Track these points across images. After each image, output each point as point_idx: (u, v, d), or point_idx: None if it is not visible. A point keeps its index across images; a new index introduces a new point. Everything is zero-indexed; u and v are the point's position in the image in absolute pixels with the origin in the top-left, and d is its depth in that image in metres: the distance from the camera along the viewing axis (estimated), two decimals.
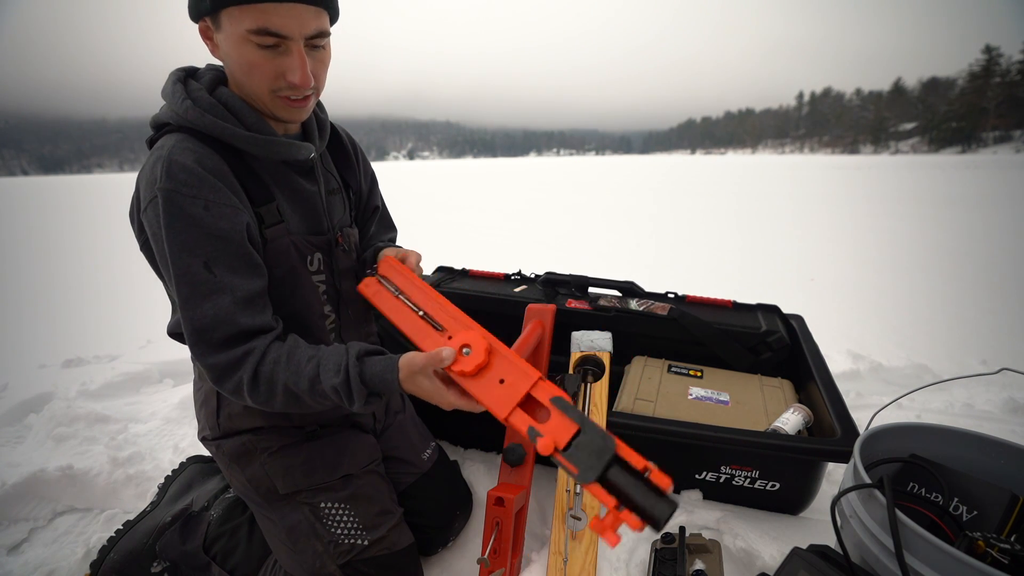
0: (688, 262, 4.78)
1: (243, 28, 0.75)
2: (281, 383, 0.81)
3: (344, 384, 0.80)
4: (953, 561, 0.62)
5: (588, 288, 1.72)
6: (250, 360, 0.80)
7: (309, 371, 0.81)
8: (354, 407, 0.82)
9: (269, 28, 0.74)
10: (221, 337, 0.80)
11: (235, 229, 0.81)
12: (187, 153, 0.79)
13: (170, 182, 0.77)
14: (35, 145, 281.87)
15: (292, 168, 0.94)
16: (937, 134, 76.57)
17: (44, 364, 2.58)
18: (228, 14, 0.75)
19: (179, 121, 0.83)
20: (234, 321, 0.80)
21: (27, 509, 1.39)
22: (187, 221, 0.78)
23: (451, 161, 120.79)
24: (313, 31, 0.78)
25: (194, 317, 0.79)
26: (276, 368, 0.81)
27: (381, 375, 0.80)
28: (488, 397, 0.77)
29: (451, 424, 1.36)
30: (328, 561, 0.96)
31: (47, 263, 5.84)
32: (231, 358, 0.80)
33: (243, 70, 0.80)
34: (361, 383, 0.80)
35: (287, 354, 0.82)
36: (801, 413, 1.19)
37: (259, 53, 0.77)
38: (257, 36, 0.75)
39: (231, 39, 0.77)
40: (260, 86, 0.81)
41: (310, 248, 0.95)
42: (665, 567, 0.98)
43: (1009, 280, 3.86)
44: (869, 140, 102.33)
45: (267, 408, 0.84)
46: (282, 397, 0.82)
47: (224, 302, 0.79)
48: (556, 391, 0.75)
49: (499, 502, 1.04)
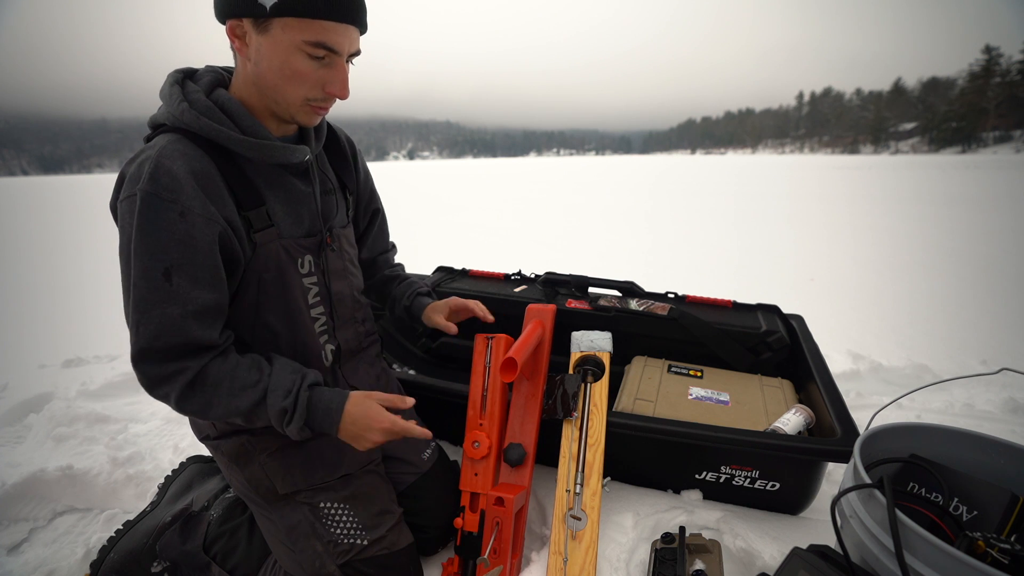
0: (688, 262, 4.77)
1: (300, 38, 0.79)
2: (217, 403, 0.84)
3: (291, 406, 0.87)
4: (953, 561, 0.62)
5: (588, 288, 1.72)
6: (181, 378, 0.82)
7: (254, 393, 0.86)
8: (289, 430, 0.88)
9: (326, 43, 0.79)
10: (161, 347, 0.81)
11: (205, 240, 0.82)
12: (176, 156, 0.80)
13: (151, 185, 0.78)
14: (35, 145, 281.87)
15: (287, 169, 0.94)
16: (937, 134, 76.57)
17: (44, 364, 2.58)
18: (284, 23, 0.78)
19: (175, 123, 0.84)
20: (178, 331, 0.81)
21: (27, 509, 1.39)
22: (158, 225, 0.79)
23: (451, 161, 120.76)
24: (356, 49, 0.86)
25: (140, 321, 0.81)
26: (216, 389, 0.84)
27: (327, 404, 0.90)
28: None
29: (451, 424, 1.36)
30: (328, 561, 0.96)
31: (47, 263, 5.84)
32: (164, 372, 0.82)
33: (285, 76, 0.82)
34: (306, 408, 0.88)
35: (229, 376, 0.85)
36: (803, 414, 1.19)
37: (308, 63, 0.81)
38: (312, 48, 0.79)
39: (280, 46, 0.79)
40: (298, 93, 0.84)
41: (300, 251, 0.96)
42: (665, 567, 0.98)
43: (1009, 280, 3.86)
44: (869, 140, 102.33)
45: (199, 418, 0.88)
46: (215, 413, 0.85)
47: (173, 312, 0.80)
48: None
49: (499, 502, 1.04)
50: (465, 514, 1.10)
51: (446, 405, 1.31)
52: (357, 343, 1.14)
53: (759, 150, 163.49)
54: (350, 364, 1.12)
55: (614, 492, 1.23)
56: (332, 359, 1.06)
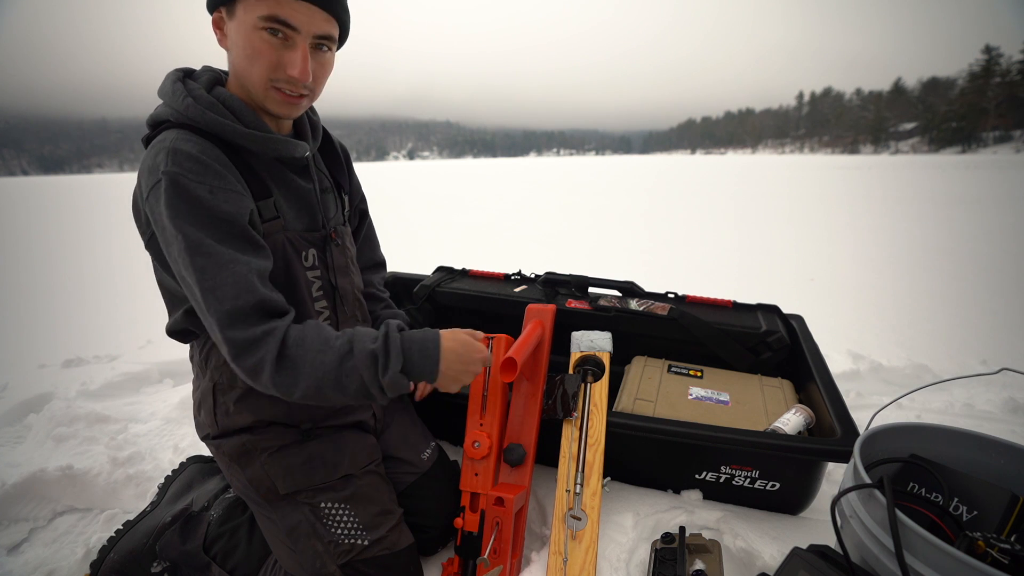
0: (688, 262, 4.77)
1: (255, 15, 0.79)
2: (308, 362, 0.80)
3: (382, 349, 0.82)
4: (953, 561, 0.62)
5: (588, 288, 1.72)
6: (273, 339, 0.79)
7: (340, 345, 0.81)
8: (385, 380, 0.82)
9: (279, 16, 0.79)
10: (244, 306, 0.78)
11: (240, 212, 0.82)
12: (190, 143, 0.81)
13: (175, 166, 0.78)
14: (35, 145, 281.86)
15: (287, 166, 0.96)
16: (937, 134, 76.56)
17: (44, 364, 2.58)
18: (245, 4, 0.80)
19: (179, 118, 0.85)
20: (255, 289, 0.79)
21: (27, 509, 1.39)
22: (193, 202, 0.79)
23: (451, 161, 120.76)
24: (320, 32, 0.83)
25: (214, 286, 0.78)
26: (302, 347, 0.80)
27: (422, 342, 0.86)
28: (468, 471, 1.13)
29: (451, 424, 1.36)
30: (328, 561, 0.96)
31: (47, 263, 5.84)
32: (253, 335, 0.78)
33: (247, 56, 0.82)
34: (400, 349, 0.83)
35: (314, 332, 0.82)
36: (803, 414, 1.19)
37: (266, 41, 0.81)
38: (267, 22, 0.79)
39: (242, 27, 0.81)
40: (260, 74, 0.84)
41: (305, 244, 0.97)
42: (665, 567, 0.98)
43: (1009, 280, 3.86)
44: (869, 140, 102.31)
45: (286, 395, 0.81)
46: (306, 380, 0.80)
47: (242, 270, 0.79)
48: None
49: (499, 502, 1.04)
50: (465, 514, 1.10)
51: (446, 405, 1.31)
52: None
53: (759, 150, 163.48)
54: None
55: (614, 492, 1.23)
56: None
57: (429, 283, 1.85)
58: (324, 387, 0.82)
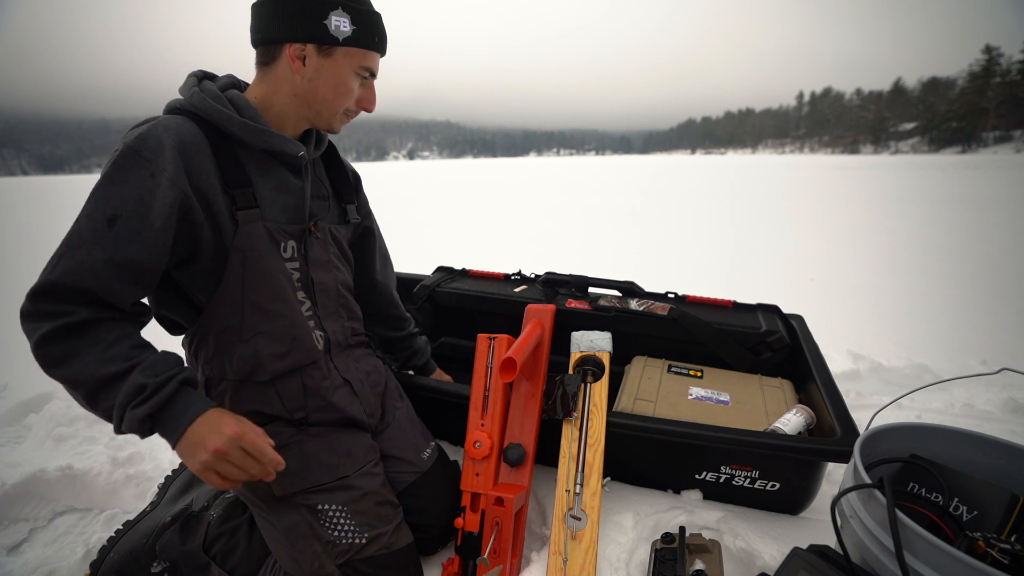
0: (688, 262, 4.77)
1: (358, 64, 0.97)
2: (83, 362, 0.78)
3: (152, 390, 0.79)
4: (953, 561, 0.62)
5: (588, 288, 1.72)
6: (63, 320, 0.79)
7: (119, 367, 0.79)
8: (127, 415, 0.78)
9: (372, 68, 1.00)
10: (69, 285, 0.79)
11: (164, 202, 0.84)
12: (170, 128, 0.86)
13: (137, 142, 0.84)
14: (35, 145, 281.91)
15: (281, 163, 1.00)
16: (937, 134, 76.57)
17: None
18: (347, 51, 0.95)
19: (184, 105, 0.92)
20: (95, 277, 0.80)
21: (27, 509, 1.39)
22: (127, 176, 0.83)
23: (451, 161, 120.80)
24: (376, 72, 1.04)
25: (63, 255, 0.80)
26: (92, 345, 0.79)
27: (184, 407, 0.81)
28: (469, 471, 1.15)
29: (451, 424, 1.36)
30: (327, 561, 0.96)
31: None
32: (53, 309, 0.79)
33: (339, 92, 0.98)
34: (166, 402, 0.80)
35: (115, 341, 0.81)
36: (803, 414, 1.19)
37: (355, 83, 0.99)
38: (362, 71, 0.99)
39: (340, 68, 0.96)
40: (343, 104, 1.00)
41: (284, 235, 0.99)
42: (665, 567, 0.98)
43: (1009, 280, 3.86)
44: (869, 140, 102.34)
45: (45, 368, 0.81)
46: (69, 369, 0.79)
47: (98, 256, 0.80)
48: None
49: (499, 502, 1.04)
50: (466, 514, 1.10)
51: (446, 405, 1.31)
52: (344, 338, 1.14)
53: (759, 150, 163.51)
54: (341, 357, 1.12)
55: (614, 492, 1.23)
56: (324, 345, 1.07)
57: (429, 283, 1.85)
58: (71, 386, 0.80)
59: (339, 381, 1.09)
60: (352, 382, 1.12)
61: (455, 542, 1.10)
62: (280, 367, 1.00)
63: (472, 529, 1.08)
